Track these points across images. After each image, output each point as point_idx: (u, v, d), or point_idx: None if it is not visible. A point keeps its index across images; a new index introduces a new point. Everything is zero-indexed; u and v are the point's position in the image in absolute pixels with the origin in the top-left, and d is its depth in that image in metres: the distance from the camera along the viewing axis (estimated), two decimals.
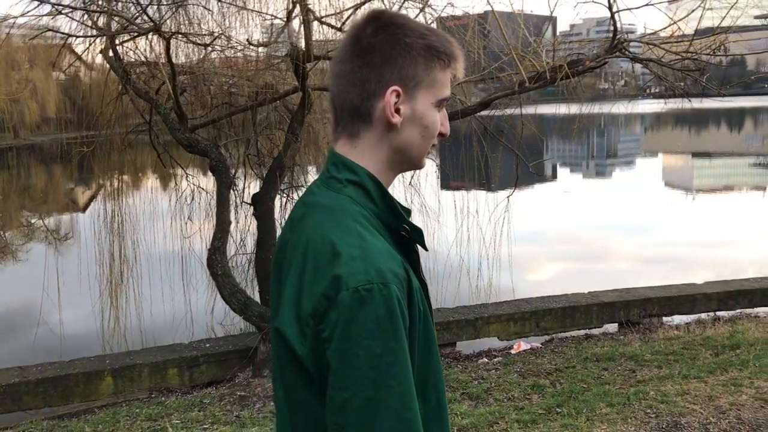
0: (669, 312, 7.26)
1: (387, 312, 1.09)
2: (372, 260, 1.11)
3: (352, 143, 1.24)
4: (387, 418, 1.08)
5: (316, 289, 1.11)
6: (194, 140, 6.12)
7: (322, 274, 1.12)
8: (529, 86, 5.81)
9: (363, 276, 1.09)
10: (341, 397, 1.09)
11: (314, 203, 1.23)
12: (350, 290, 1.08)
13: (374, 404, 1.08)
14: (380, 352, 1.08)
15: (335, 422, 1.10)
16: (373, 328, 1.08)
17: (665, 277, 9.17)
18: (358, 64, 1.20)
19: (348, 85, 1.21)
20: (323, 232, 1.16)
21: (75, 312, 8.45)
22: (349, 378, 1.08)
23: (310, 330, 1.11)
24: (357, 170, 1.23)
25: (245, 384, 5.75)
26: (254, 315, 5.75)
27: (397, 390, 1.09)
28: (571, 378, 5.38)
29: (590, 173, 31.10)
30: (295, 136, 6.57)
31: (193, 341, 6.45)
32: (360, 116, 1.22)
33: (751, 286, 7.52)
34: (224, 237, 5.84)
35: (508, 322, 6.84)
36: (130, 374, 5.90)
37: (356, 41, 1.21)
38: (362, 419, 1.08)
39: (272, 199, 6.47)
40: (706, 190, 23.69)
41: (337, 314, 1.09)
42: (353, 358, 1.08)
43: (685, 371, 5.24)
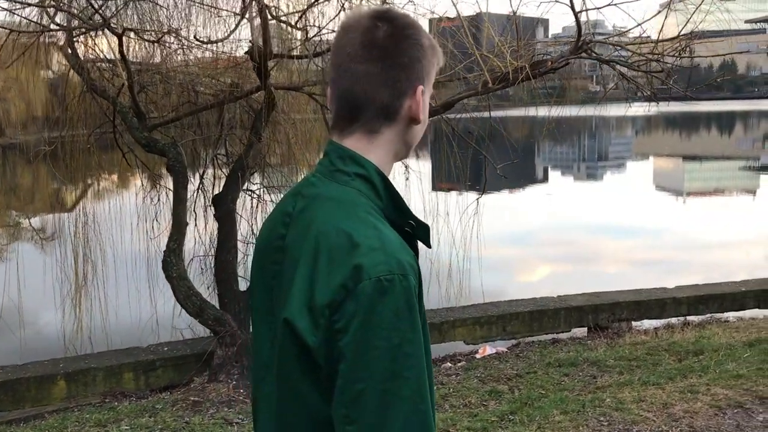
0: (638, 316, 7.18)
1: (406, 303, 1.09)
2: (392, 251, 1.12)
3: (369, 139, 1.26)
4: (403, 410, 1.07)
5: (333, 280, 1.10)
6: (152, 139, 6.00)
7: (340, 264, 1.11)
8: (492, 87, 5.71)
9: (384, 266, 1.09)
10: (356, 389, 1.07)
11: (318, 195, 1.22)
12: (372, 280, 1.08)
13: (390, 396, 1.07)
14: (398, 342, 1.08)
15: (345, 415, 1.08)
16: (392, 318, 1.08)
17: (655, 279, 9.16)
18: (388, 64, 1.23)
19: (378, 85, 1.23)
20: (337, 223, 1.15)
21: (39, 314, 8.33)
22: (365, 369, 1.07)
23: (325, 321, 1.09)
24: (365, 164, 1.24)
25: (200, 389, 5.63)
26: (210, 319, 5.63)
27: (413, 382, 1.09)
28: (530, 384, 5.29)
29: (581, 176, 31.15)
30: (258, 136, 6.47)
31: (151, 345, 6.33)
32: (387, 114, 1.25)
33: (721, 291, 7.45)
34: (180, 239, 5.73)
35: (474, 326, 6.75)
36: (83, 378, 5.78)
37: (375, 41, 1.23)
38: (377, 411, 1.07)
39: (233, 201, 6.35)
40: (696, 193, 23.72)
41: (355, 304, 1.08)
42: (371, 348, 1.07)
43: (645, 377, 5.16)
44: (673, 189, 24.29)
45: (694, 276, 10.67)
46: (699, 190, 24.87)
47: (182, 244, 5.78)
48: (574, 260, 13.16)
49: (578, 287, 8.20)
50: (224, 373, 5.69)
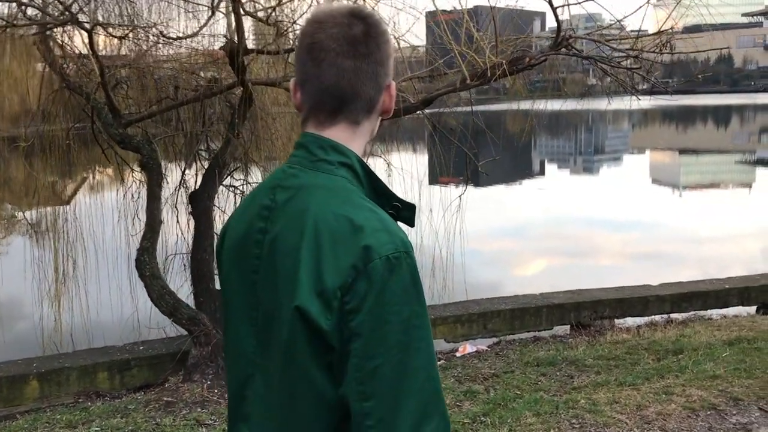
0: (621, 314, 7.13)
1: (411, 278, 1.14)
2: (393, 231, 1.17)
3: (352, 130, 1.30)
4: (417, 380, 1.13)
5: (342, 262, 1.13)
6: (126, 136, 5.92)
7: (346, 247, 1.14)
8: (470, 83, 5.64)
9: (391, 245, 1.14)
10: (372, 364, 1.11)
11: (305, 186, 1.24)
12: (382, 258, 1.12)
13: (405, 367, 1.12)
14: (408, 316, 1.13)
15: (362, 392, 1.12)
16: (402, 293, 1.13)
17: (650, 273, 9.13)
18: (371, 60, 1.28)
19: (365, 81, 1.28)
20: (333, 209, 1.19)
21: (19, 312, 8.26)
22: (381, 344, 1.11)
23: (338, 303, 1.13)
24: (347, 153, 1.28)
25: (174, 389, 5.56)
26: (184, 318, 5.57)
27: (424, 351, 1.14)
28: (506, 384, 5.23)
29: (577, 169, 31.11)
30: (235, 132, 6.39)
31: (127, 344, 6.27)
32: (369, 107, 1.31)
33: (705, 288, 7.40)
34: (154, 237, 5.66)
35: (455, 324, 6.70)
36: (57, 378, 5.72)
37: (357, 38, 1.27)
38: (393, 384, 1.11)
39: (210, 198, 6.29)
40: (693, 186, 23.69)
41: (367, 283, 1.12)
42: (385, 324, 1.11)
43: (622, 378, 5.10)
44: (669, 183, 24.23)
45: (689, 270, 10.67)
46: (695, 183, 24.85)
47: (156, 242, 5.71)
48: (567, 255, 13.13)
49: (571, 282, 8.16)
50: (199, 372, 5.63)
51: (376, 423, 1.12)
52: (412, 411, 1.12)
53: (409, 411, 1.12)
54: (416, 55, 7.24)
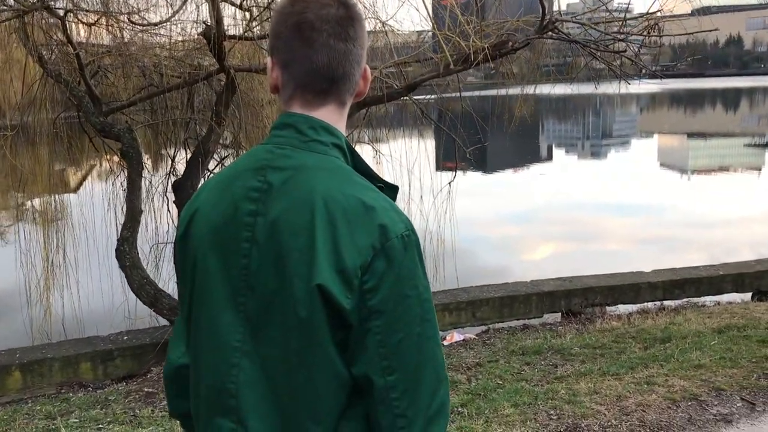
0: (612, 301, 7.04)
1: (419, 254, 1.21)
2: (398, 210, 1.23)
3: (340, 111, 1.32)
4: (431, 348, 1.20)
5: (361, 242, 1.16)
6: (107, 124, 5.87)
7: (362, 226, 1.17)
8: (453, 68, 5.55)
9: (402, 224, 1.19)
10: (395, 339, 1.16)
11: (302, 166, 1.23)
12: (398, 237, 1.17)
13: (423, 338, 1.19)
14: (422, 290, 1.20)
15: (386, 366, 1.16)
16: (414, 269, 1.19)
17: (657, 259, 9.04)
18: (359, 44, 1.29)
19: (353, 63, 1.28)
20: (341, 189, 1.20)
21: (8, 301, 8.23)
22: (402, 319, 1.17)
23: (358, 281, 1.15)
24: (337, 133, 1.29)
25: (156, 379, 5.53)
26: (165, 308, 5.53)
27: (433, 321, 1.22)
28: (489, 373, 5.16)
29: (585, 154, 30.95)
30: (218, 120, 6.32)
31: (111, 334, 6.23)
32: (353, 89, 1.32)
33: (698, 275, 7.29)
34: (134, 226, 5.61)
35: (443, 312, 6.62)
36: (39, 369, 5.68)
37: (343, 20, 1.26)
38: (414, 354, 1.18)
39: (194, 186, 6.21)
40: (701, 170, 23.51)
41: (386, 261, 1.16)
42: (405, 298, 1.17)
43: (606, 367, 5.02)
44: (677, 167, 24.03)
45: (696, 254, 10.60)
46: (704, 167, 24.66)
47: (136, 232, 5.66)
48: (572, 240, 13.06)
49: (575, 267, 8.12)
50: None
51: (401, 395, 1.17)
52: (429, 379, 1.20)
53: (427, 379, 1.19)
54: (418, 41, 7.15)
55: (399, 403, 1.17)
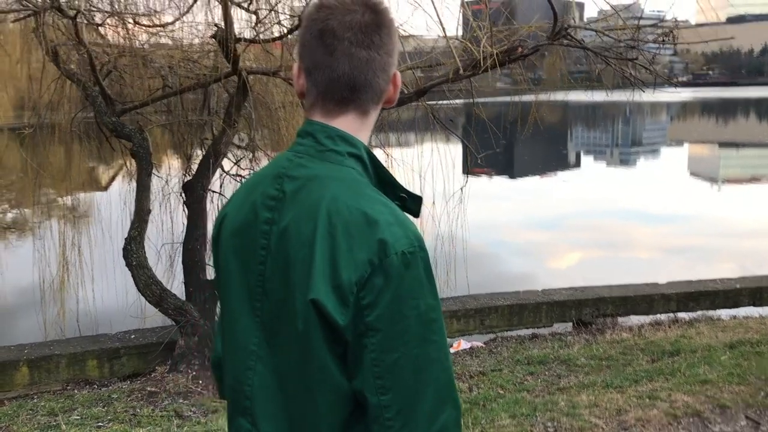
0: (624, 312, 6.93)
1: (425, 272, 1.15)
2: (406, 225, 1.17)
3: (361, 120, 1.29)
4: (434, 370, 1.14)
5: (359, 257, 1.13)
6: (119, 124, 5.91)
7: (361, 241, 1.13)
8: (463, 74, 5.51)
9: (405, 240, 1.14)
10: (391, 358, 1.12)
11: (315, 176, 1.22)
12: (398, 254, 1.12)
13: (423, 360, 1.13)
14: (425, 309, 1.14)
15: (380, 386, 1.13)
16: (417, 288, 1.14)
17: (683, 269, 8.90)
18: (384, 51, 1.26)
19: (378, 71, 1.26)
20: (347, 201, 1.17)
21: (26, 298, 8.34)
22: (399, 338, 1.12)
23: (354, 297, 1.12)
24: (355, 143, 1.26)
25: (159, 379, 5.56)
26: (170, 308, 5.55)
27: (439, 343, 1.16)
28: (491, 382, 5.11)
29: (614, 161, 30.66)
30: (232, 121, 6.35)
31: (119, 332, 6.28)
32: (379, 97, 1.29)
33: (714, 287, 7.15)
34: (141, 226, 5.64)
35: (451, 319, 6.57)
36: (46, 365, 5.75)
37: (369, 27, 1.25)
38: (412, 376, 1.13)
39: (204, 188, 6.25)
40: (732, 180, 23.15)
41: (384, 278, 1.11)
42: (403, 318, 1.12)
43: (610, 379, 4.94)
44: (708, 176, 23.68)
45: (725, 264, 10.41)
46: (735, 177, 24.28)
47: (144, 231, 5.69)
48: (598, 248, 12.92)
49: (600, 275, 7.99)
50: (185, 363, 5.61)
51: (395, 415, 1.13)
52: (428, 402, 1.14)
53: (426, 402, 1.14)
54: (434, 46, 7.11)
55: (393, 424, 1.14)
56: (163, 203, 7.57)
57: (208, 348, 5.66)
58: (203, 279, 5.99)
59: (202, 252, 6.06)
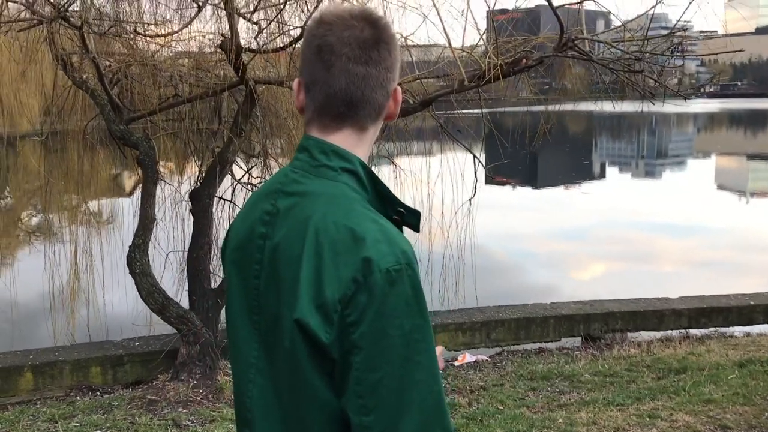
0: (634, 327, 6.82)
1: (413, 291, 1.14)
2: (395, 242, 1.16)
3: (358, 136, 1.29)
4: (419, 392, 1.12)
5: (343, 274, 1.12)
6: (127, 132, 5.95)
7: (347, 259, 1.13)
8: (467, 85, 5.48)
9: (392, 258, 1.13)
10: (373, 378, 1.10)
11: (307, 192, 1.23)
12: (383, 272, 1.11)
13: (406, 381, 1.11)
14: (410, 329, 1.12)
15: (362, 405, 1.11)
16: (403, 306, 1.12)
17: (711, 281, 8.77)
18: (383, 67, 1.26)
19: (375, 87, 1.26)
20: (335, 219, 1.17)
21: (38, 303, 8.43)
22: (381, 357, 1.10)
23: (338, 316, 1.12)
24: (350, 158, 1.26)
25: (161, 387, 5.56)
26: (172, 316, 5.56)
27: (425, 364, 1.13)
28: (491, 398, 5.04)
29: (639, 173, 30.39)
30: (239, 130, 6.37)
31: (124, 339, 6.31)
32: (378, 113, 1.29)
33: (727, 303, 7.01)
34: (146, 234, 5.66)
35: (456, 332, 6.51)
36: (50, 371, 5.78)
37: (368, 43, 1.25)
38: (394, 397, 1.10)
39: (210, 197, 6.26)
40: (761, 193, 22.82)
41: (368, 296, 1.11)
42: (386, 337, 1.10)
43: (612, 397, 4.85)
44: (735, 188, 23.36)
45: (752, 279, 10.22)
46: (764, 190, 23.93)
47: (148, 239, 5.71)
48: (621, 260, 12.78)
49: (624, 288, 7.86)
50: (186, 372, 5.61)
51: None
52: (413, 425, 1.12)
53: (410, 425, 1.11)
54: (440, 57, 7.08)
55: None
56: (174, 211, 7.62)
57: (209, 357, 5.66)
58: (207, 287, 5.99)
59: (206, 260, 6.07)
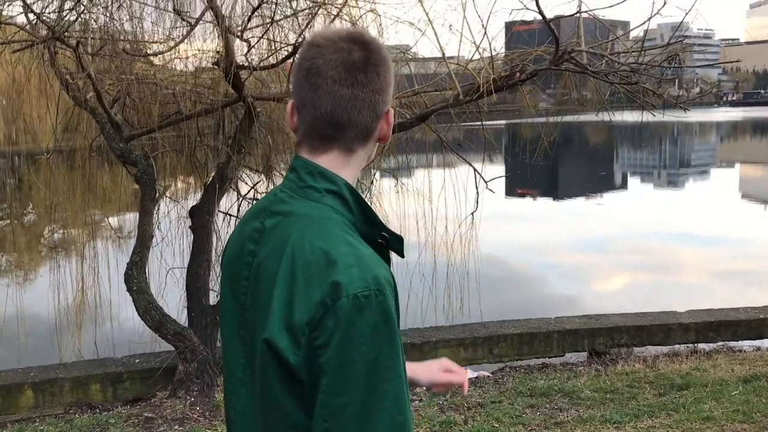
0: (640, 342, 6.70)
1: (383, 317, 1.13)
2: (367, 267, 1.15)
3: (345, 158, 1.30)
4: (381, 421, 1.11)
5: (312, 297, 1.13)
6: (126, 150, 5.99)
7: (317, 281, 1.14)
8: (462, 99, 5.44)
9: (361, 283, 1.13)
10: (337, 403, 1.10)
11: (290, 213, 1.25)
12: (350, 297, 1.11)
13: (370, 408, 1.10)
14: (376, 356, 1.11)
15: (326, 429, 1.11)
16: (370, 333, 1.11)
17: (736, 293, 8.67)
18: (370, 89, 1.27)
19: (362, 109, 1.27)
20: (312, 241, 1.18)
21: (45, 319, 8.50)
22: (345, 383, 1.10)
23: (306, 338, 1.12)
24: (336, 180, 1.27)
25: (158, 404, 5.56)
26: (169, 333, 5.56)
27: (392, 393, 1.12)
28: (488, 415, 4.97)
29: (662, 183, 30.12)
30: (239, 147, 6.38)
31: (125, 356, 6.32)
32: (366, 135, 1.30)
33: (736, 317, 6.86)
34: (143, 251, 5.68)
35: (458, 347, 6.45)
36: (51, 388, 5.80)
37: (355, 66, 1.26)
38: (357, 424, 1.10)
39: (210, 213, 6.27)
40: None
41: (335, 321, 1.11)
42: (351, 363, 1.10)
43: (610, 414, 4.76)
44: (761, 198, 23.05)
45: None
46: None
47: (146, 257, 5.73)
48: (644, 271, 12.63)
49: (654, 301, 7.76)
50: (184, 389, 5.61)
51: None
52: None
53: None
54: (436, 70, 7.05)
55: None
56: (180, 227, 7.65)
57: (207, 374, 5.65)
58: (206, 304, 5.99)
59: (205, 277, 6.07)
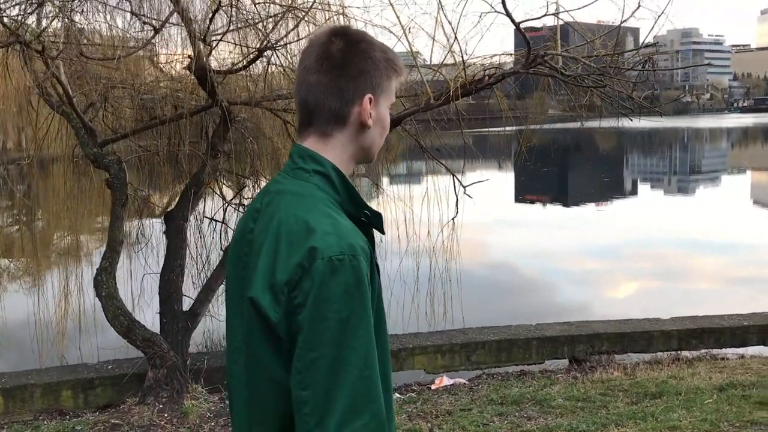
0: (621, 350, 6.60)
1: (355, 281, 1.23)
2: (344, 235, 1.26)
3: (324, 141, 1.40)
4: (350, 375, 1.20)
5: (292, 260, 1.24)
6: (99, 155, 5.95)
7: (297, 247, 1.25)
8: (433, 104, 5.39)
9: (336, 248, 1.23)
10: (309, 357, 1.20)
11: (282, 191, 1.37)
12: (325, 259, 1.22)
13: (339, 363, 1.20)
14: (347, 315, 1.21)
15: (300, 381, 1.21)
16: (342, 293, 1.21)
17: (748, 299, 8.69)
18: (336, 74, 1.37)
19: (327, 93, 1.37)
20: (296, 212, 1.30)
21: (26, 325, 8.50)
22: (318, 339, 1.20)
23: (285, 297, 1.23)
24: (323, 162, 1.38)
25: (126, 411, 5.52)
26: (138, 339, 5.51)
27: (360, 350, 1.21)
28: (455, 423, 4.90)
29: (672, 189, 29.92)
30: (215, 152, 6.35)
31: (99, 362, 6.29)
32: (337, 119, 1.39)
33: (718, 324, 6.76)
34: (113, 257, 5.64)
35: (435, 354, 6.37)
36: (21, 394, 5.77)
37: (328, 54, 1.38)
38: (327, 376, 1.19)
39: (184, 218, 6.23)
40: None
41: (311, 281, 1.21)
42: (323, 320, 1.20)
43: (576, 424, 4.67)
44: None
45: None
46: None
47: (115, 262, 5.69)
48: (652, 278, 12.51)
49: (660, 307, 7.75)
50: (153, 395, 5.55)
51: (310, 411, 1.20)
52: (342, 405, 1.19)
53: (339, 404, 1.19)
54: None
55: (309, 420, 1.20)
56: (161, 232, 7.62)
57: (176, 380, 5.60)
58: (178, 310, 5.95)
59: (178, 282, 6.03)
